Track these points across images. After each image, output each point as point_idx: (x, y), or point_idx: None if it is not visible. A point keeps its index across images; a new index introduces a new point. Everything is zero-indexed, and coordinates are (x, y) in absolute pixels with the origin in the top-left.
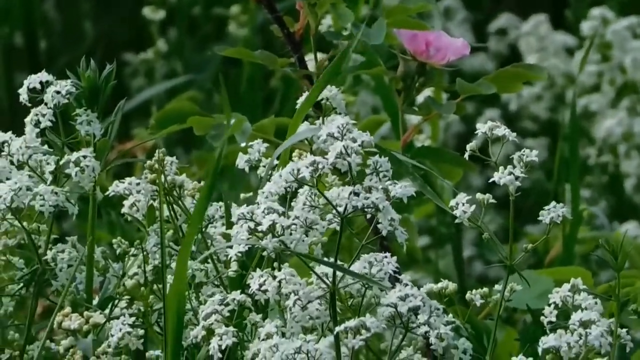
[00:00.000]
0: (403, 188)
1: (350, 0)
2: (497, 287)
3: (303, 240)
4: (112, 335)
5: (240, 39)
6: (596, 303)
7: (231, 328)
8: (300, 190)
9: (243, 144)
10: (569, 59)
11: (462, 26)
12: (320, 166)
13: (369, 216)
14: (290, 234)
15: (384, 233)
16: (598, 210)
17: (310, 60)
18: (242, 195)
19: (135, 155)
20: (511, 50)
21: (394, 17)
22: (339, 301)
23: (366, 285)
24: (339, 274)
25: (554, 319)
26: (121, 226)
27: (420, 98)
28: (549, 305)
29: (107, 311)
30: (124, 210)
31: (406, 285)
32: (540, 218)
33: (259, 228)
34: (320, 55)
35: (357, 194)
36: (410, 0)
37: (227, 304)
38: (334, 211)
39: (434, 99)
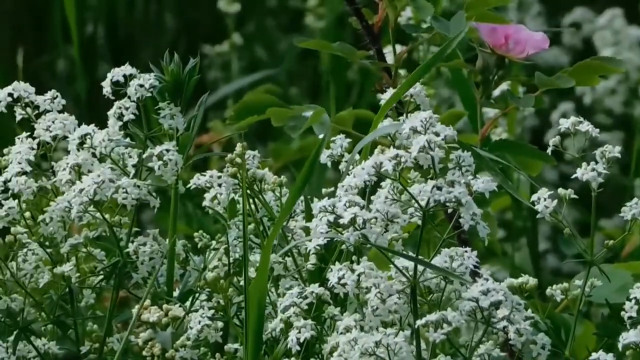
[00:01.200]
0: (485, 182)
1: None
2: (577, 282)
3: (383, 235)
4: (192, 328)
5: (317, 32)
6: None
7: (309, 321)
8: (382, 184)
9: (321, 136)
10: None
11: (536, 20)
12: (403, 160)
13: (449, 211)
14: (371, 227)
15: (466, 227)
16: None
17: (388, 52)
18: (323, 190)
19: (212, 149)
20: (585, 44)
21: (474, 11)
22: (418, 295)
23: (446, 280)
24: (419, 267)
25: (634, 314)
26: (198, 218)
27: (496, 92)
28: (630, 300)
29: (187, 304)
30: (206, 203)
31: (487, 279)
32: (622, 215)
33: (340, 221)
34: (398, 48)
35: (439, 188)
36: None
37: (306, 297)
38: (415, 205)
39: (512, 92)
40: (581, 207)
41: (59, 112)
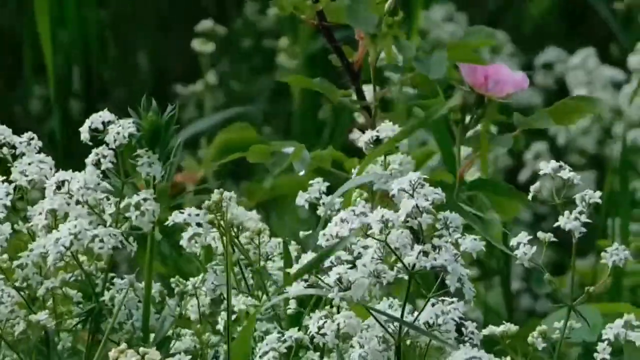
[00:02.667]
0: (472, 242)
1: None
2: (556, 324)
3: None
4: None
5: (289, 71)
6: None
7: None
8: (368, 242)
9: (302, 173)
10: (617, 93)
11: (509, 60)
12: (389, 224)
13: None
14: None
15: (452, 290)
16: None
17: (368, 91)
18: (301, 234)
19: (185, 187)
20: (558, 84)
21: (455, 52)
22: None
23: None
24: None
25: (607, 357)
26: (173, 258)
27: (469, 132)
28: (602, 341)
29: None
30: (183, 243)
31: (473, 345)
32: (603, 261)
33: (326, 280)
34: (378, 88)
35: (426, 254)
36: (470, 36)
37: (285, 341)
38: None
39: (486, 132)
40: (554, 246)
41: (36, 153)
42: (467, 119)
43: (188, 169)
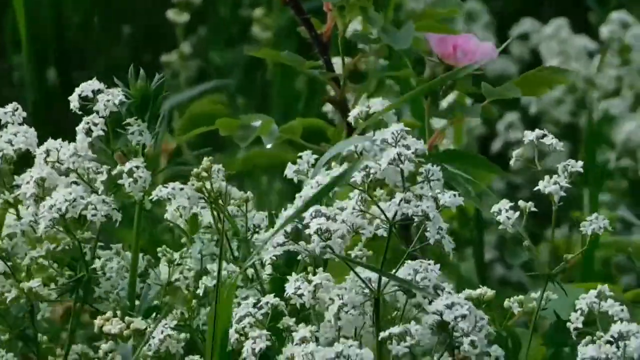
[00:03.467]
0: (452, 197)
1: (379, 5)
2: (533, 294)
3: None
4: (154, 338)
5: (263, 42)
6: (622, 310)
7: (264, 331)
8: (350, 194)
9: (269, 146)
10: (590, 62)
11: (485, 30)
12: (372, 171)
13: (414, 224)
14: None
15: (432, 242)
16: (626, 212)
17: (337, 63)
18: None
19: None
20: (533, 54)
21: (422, 21)
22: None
23: (409, 293)
24: (383, 280)
25: (580, 325)
26: (151, 230)
27: (443, 102)
28: (575, 311)
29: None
30: (167, 216)
31: (450, 293)
32: (581, 229)
33: (307, 231)
34: (346, 59)
35: (407, 201)
36: (438, 4)
37: (261, 307)
38: (382, 217)
39: (459, 103)
40: (529, 216)
41: (20, 124)
42: (437, 90)
43: (162, 140)
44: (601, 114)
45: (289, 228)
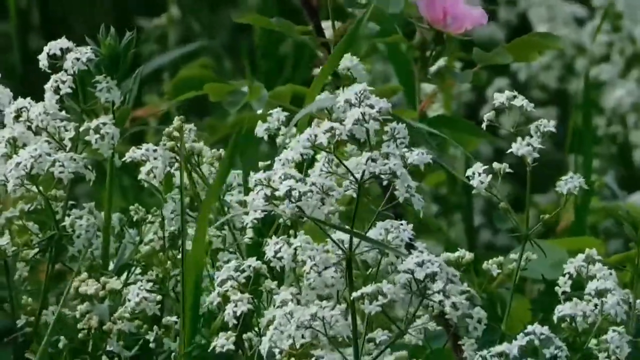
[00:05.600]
0: (420, 155)
1: None
2: (512, 256)
3: (319, 207)
4: (129, 300)
5: (252, 6)
6: (611, 274)
7: (246, 295)
8: (317, 157)
9: (260, 111)
10: (579, 29)
11: None
12: (337, 132)
13: (384, 184)
14: (307, 200)
15: (401, 200)
16: (610, 180)
17: (327, 28)
18: (260, 164)
19: (148, 123)
20: (521, 19)
21: None
22: (355, 269)
23: (382, 253)
24: (355, 241)
25: (568, 289)
26: (134, 192)
27: (433, 68)
28: (564, 275)
29: (123, 278)
30: (141, 177)
31: (422, 252)
32: (557, 189)
33: (276, 194)
34: (337, 24)
35: (374, 160)
36: None
37: (243, 271)
38: (350, 178)
39: (449, 68)
40: (515, 182)
41: None
42: (427, 55)
43: (150, 104)
44: (591, 80)
45: (268, 191)
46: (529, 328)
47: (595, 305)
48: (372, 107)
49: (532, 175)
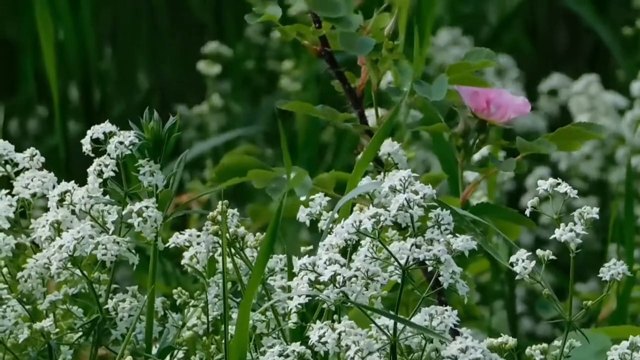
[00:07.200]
0: (465, 241)
1: (411, 58)
2: (555, 343)
3: (364, 293)
4: None
5: (291, 93)
6: None
7: None
8: (362, 242)
9: (303, 198)
10: (619, 119)
11: (514, 84)
12: (382, 218)
13: (429, 269)
14: (351, 285)
15: (445, 285)
16: None
17: (370, 116)
18: (302, 249)
19: (191, 208)
20: (562, 109)
21: (456, 74)
22: (398, 354)
23: (426, 338)
24: (399, 326)
25: None
26: (177, 277)
27: (476, 156)
28: None
29: None
30: (184, 261)
31: (466, 337)
32: (600, 275)
33: (320, 279)
34: (380, 111)
35: (418, 246)
36: (470, 57)
37: (287, 356)
38: (395, 263)
39: (493, 156)
40: (557, 271)
41: (38, 169)
42: (470, 143)
43: (193, 191)
44: (632, 169)
45: (312, 276)
46: None
47: None
48: (416, 193)
49: (573, 263)
